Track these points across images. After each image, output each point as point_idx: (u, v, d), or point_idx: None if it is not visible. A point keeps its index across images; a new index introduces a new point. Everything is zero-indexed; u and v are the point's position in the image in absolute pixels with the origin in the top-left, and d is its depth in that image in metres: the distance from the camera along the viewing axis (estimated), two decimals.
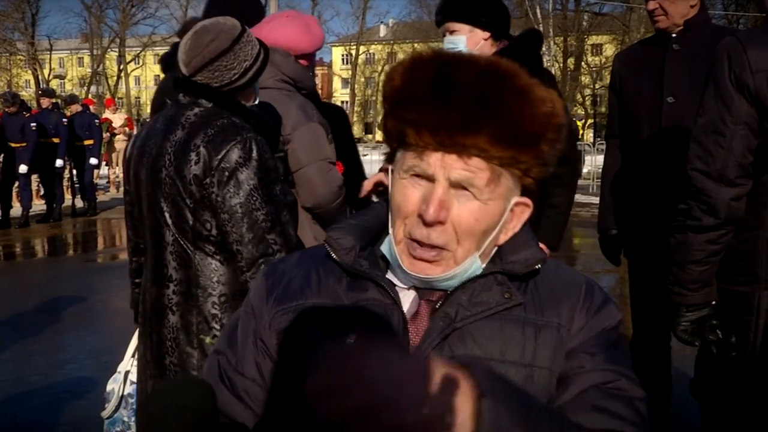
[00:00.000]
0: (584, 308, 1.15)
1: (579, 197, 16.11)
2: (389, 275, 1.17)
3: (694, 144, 2.01)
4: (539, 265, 1.16)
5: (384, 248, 1.16)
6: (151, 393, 0.94)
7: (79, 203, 13.16)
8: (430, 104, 1.05)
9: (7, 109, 11.07)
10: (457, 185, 1.07)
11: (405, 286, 1.16)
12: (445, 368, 0.83)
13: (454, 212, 1.08)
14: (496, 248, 1.17)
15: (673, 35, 2.85)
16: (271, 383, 1.19)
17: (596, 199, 3.40)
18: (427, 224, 1.07)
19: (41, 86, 34.28)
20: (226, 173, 2.10)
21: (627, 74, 3.06)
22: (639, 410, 1.10)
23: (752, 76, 1.86)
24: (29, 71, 52.24)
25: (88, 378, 4.58)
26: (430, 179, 1.08)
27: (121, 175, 16.64)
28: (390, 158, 1.17)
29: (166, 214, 2.20)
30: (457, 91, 1.05)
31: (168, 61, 3.22)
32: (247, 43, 2.22)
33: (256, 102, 2.39)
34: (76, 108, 13.31)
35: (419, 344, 1.10)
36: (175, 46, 3.03)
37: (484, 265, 1.14)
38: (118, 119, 16.64)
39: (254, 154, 2.12)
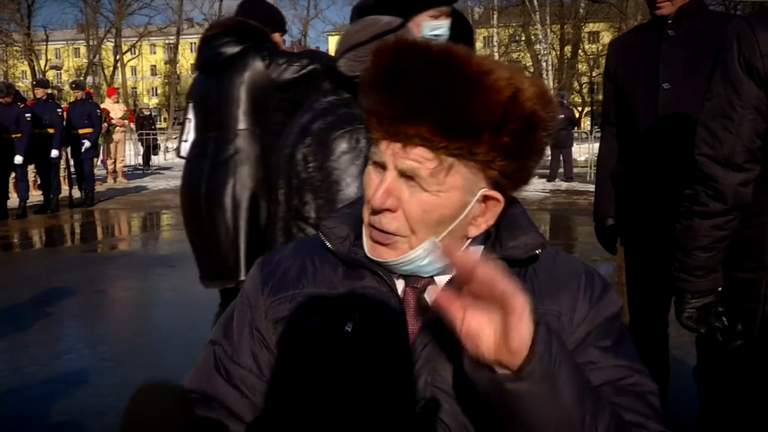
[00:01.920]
0: (586, 297, 1.14)
1: (576, 185, 16.10)
2: None
3: (702, 128, 1.97)
4: (539, 250, 1.16)
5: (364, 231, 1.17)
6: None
7: (76, 194, 13.14)
8: (381, 93, 1.05)
9: (1, 100, 11.02)
10: (405, 175, 1.06)
11: (394, 274, 1.15)
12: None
13: (404, 201, 1.07)
14: (469, 240, 1.15)
15: (669, 21, 2.83)
16: (267, 373, 1.18)
17: (593, 187, 3.38)
18: (375, 211, 1.09)
19: (37, 77, 34.11)
20: (318, 153, 2.16)
21: (622, 61, 3.04)
22: (653, 404, 1.11)
23: (762, 59, 1.83)
24: (25, 62, 52.05)
25: (86, 368, 4.58)
26: (384, 167, 1.08)
27: (119, 166, 16.69)
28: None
29: (280, 190, 2.27)
30: (405, 79, 1.03)
31: (215, 62, 3.26)
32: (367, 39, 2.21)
33: None
34: (80, 95, 13.29)
35: (420, 330, 1.10)
36: (209, 46, 3.15)
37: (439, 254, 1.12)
38: (118, 110, 16.60)
39: (361, 145, 2.14)
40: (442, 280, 1.14)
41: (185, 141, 3.49)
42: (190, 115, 3.42)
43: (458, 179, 1.06)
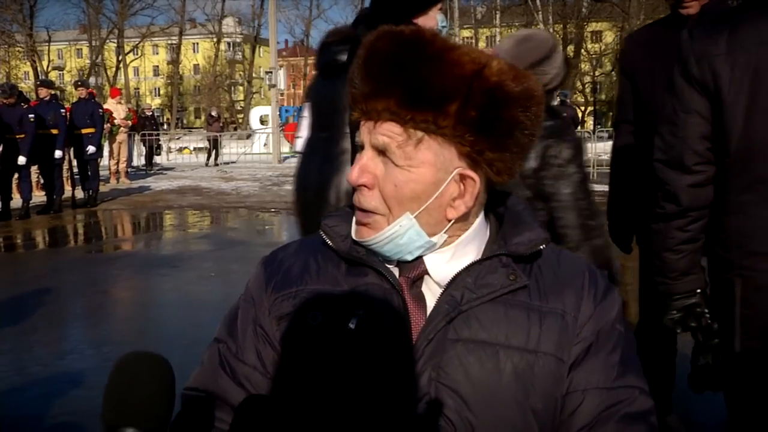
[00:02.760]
0: (590, 296, 1.15)
1: None
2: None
3: (656, 136, 2.07)
4: (543, 246, 1.17)
5: None
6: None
7: (79, 194, 13.15)
8: (359, 76, 1.11)
9: (5, 101, 11.03)
10: (379, 151, 1.10)
11: (390, 265, 1.17)
12: None
13: (380, 177, 1.11)
14: (451, 223, 1.14)
15: (691, 20, 2.79)
16: (271, 370, 1.19)
17: (598, 187, 3.37)
18: (353, 188, 1.14)
19: (40, 77, 34.18)
20: (560, 168, 2.38)
21: (641, 57, 3.00)
22: (652, 424, 1.12)
23: (696, 65, 1.91)
24: (28, 63, 52.19)
25: (90, 368, 4.58)
26: (363, 147, 1.13)
27: (122, 166, 16.71)
28: None
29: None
30: (375, 60, 1.10)
31: (331, 66, 3.35)
32: (558, 53, 2.52)
33: None
34: (83, 93, 13.31)
35: (424, 326, 1.10)
36: (327, 51, 3.22)
37: (436, 237, 1.13)
38: (121, 111, 16.61)
39: (580, 152, 2.43)
40: (438, 275, 1.15)
41: (300, 137, 3.70)
42: (306, 114, 3.61)
43: (429, 155, 1.09)
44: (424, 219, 1.11)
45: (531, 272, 1.16)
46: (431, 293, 1.15)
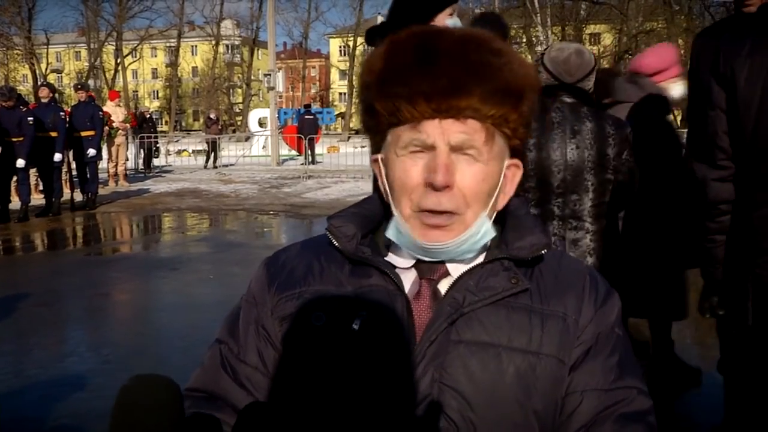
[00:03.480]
0: (591, 299, 1.16)
1: None
2: (389, 257, 1.19)
3: (689, 130, 2.24)
4: (545, 251, 1.18)
5: (390, 233, 1.16)
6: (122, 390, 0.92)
7: (78, 197, 13.14)
8: (419, 74, 1.08)
9: (3, 104, 11.03)
10: (458, 149, 1.09)
11: (406, 266, 1.17)
12: None
13: (458, 176, 1.09)
14: (495, 213, 1.18)
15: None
16: (273, 370, 1.19)
17: None
18: (437, 189, 1.08)
19: (39, 80, 34.11)
20: (628, 149, 2.95)
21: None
22: (651, 424, 1.13)
23: (723, 63, 1.99)
24: (26, 66, 52.14)
25: (89, 371, 4.59)
26: (431, 149, 1.09)
27: (120, 169, 16.70)
28: (377, 148, 1.19)
29: (588, 183, 2.94)
30: (441, 57, 1.08)
31: None
32: (595, 71, 3.04)
33: None
34: (83, 96, 13.30)
35: (426, 328, 1.11)
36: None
37: (492, 228, 1.16)
38: (120, 113, 16.61)
39: (631, 135, 2.99)
40: (456, 272, 1.16)
41: None
42: None
43: (498, 148, 1.13)
44: (489, 212, 1.15)
45: (532, 276, 1.17)
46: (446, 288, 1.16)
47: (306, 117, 23.29)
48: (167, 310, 6.25)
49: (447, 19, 2.96)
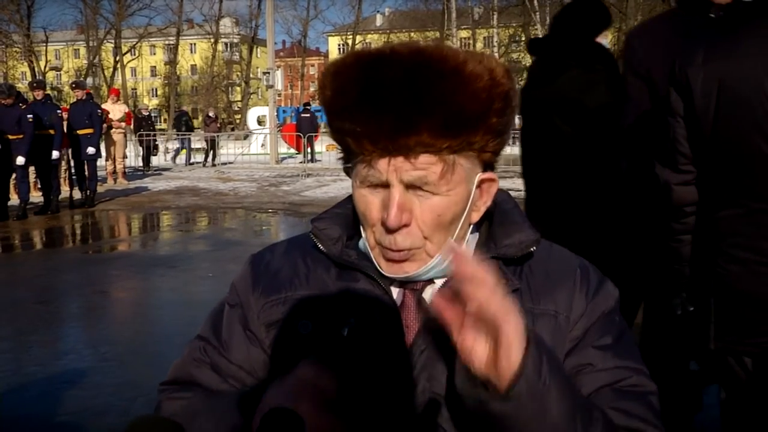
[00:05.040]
0: (582, 292, 1.14)
1: None
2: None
3: (652, 134, 2.27)
4: (534, 248, 1.15)
5: (362, 246, 1.15)
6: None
7: (77, 195, 13.14)
8: (362, 111, 1.01)
9: (2, 101, 11.02)
10: (412, 186, 1.03)
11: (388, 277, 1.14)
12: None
13: (417, 212, 1.05)
14: (471, 226, 1.15)
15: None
16: (261, 373, 1.17)
17: None
18: (390, 231, 1.05)
19: (35, 78, 34.11)
20: None
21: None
22: (653, 405, 1.10)
23: (678, 71, 2.04)
24: (25, 63, 52.11)
25: (87, 369, 4.59)
26: (385, 185, 1.04)
27: (119, 167, 16.69)
28: (346, 158, 1.12)
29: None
30: (385, 91, 1.00)
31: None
32: None
33: None
34: (80, 95, 13.29)
35: (416, 336, 1.09)
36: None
37: (463, 246, 1.12)
38: (118, 111, 16.60)
39: None
40: (440, 279, 1.12)
41: None
42: None
43: (461, 173, 1.05)
44: (458, 235, 1.10)
45: (522, 274, 1.14)
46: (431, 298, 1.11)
47: (304, 115, 23.27)
48: (166, 308, 6.26)
49: (602, 39, 3.13)
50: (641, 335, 3.02)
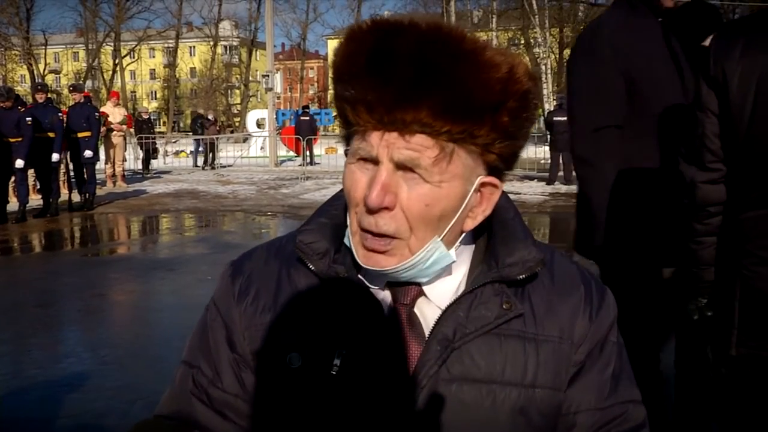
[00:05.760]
0: (585, 313, 1.10)
1: (575, 188, 16.30)
2: (363, 274, 1.07)
3: (681, 130, 2.19)
4: (539, 268, 1.07)
5: (347, 241, 1.06)
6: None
7: (76, 197, 13.14)
8: (366, 80, 0.95)
9: (2, 104, 11.03)
10: (403, 167, 0.96)
11: (378, 287, 1.07)
12: None
13: (403, 197, 0.97)
14: (463, 234, 1.06)
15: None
16: (254, 396, 1.11)
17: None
18: (371, 211, 0.97)
19: (37, 81, 34.19)
20: None
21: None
22: None
23: (714, 66, 1.95)
24: (24, 66, 52.12)
25: (87, 371, 4.59)
26: (375, 162, 0.97)
27: (118, 170, 16.69)
28: (347, 142, 1.04)
29: None
30: (395, 61, 0.93)
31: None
32: None
33: None
34: (78, 98, 13.29)
35: (417, 368, 1.02)
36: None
37: (452, 252, 1.03)
38: (118, 114, 16.60)
39: None
40: (432, 292, 1.06)
41: None
42: None
43: (459, 167, 0.98)
44: (447, 237, 1.01)
45: (524, 295, 1.08)
46: (426, 312, 1.06)
47: (303, 118, 23.29)
48: (165, 311, 6.26)
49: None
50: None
